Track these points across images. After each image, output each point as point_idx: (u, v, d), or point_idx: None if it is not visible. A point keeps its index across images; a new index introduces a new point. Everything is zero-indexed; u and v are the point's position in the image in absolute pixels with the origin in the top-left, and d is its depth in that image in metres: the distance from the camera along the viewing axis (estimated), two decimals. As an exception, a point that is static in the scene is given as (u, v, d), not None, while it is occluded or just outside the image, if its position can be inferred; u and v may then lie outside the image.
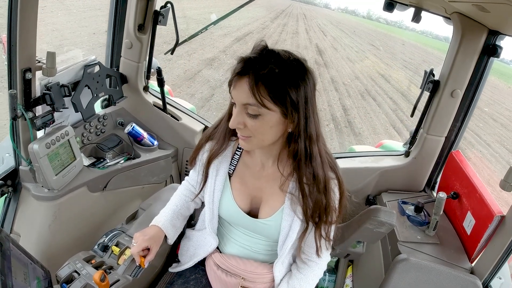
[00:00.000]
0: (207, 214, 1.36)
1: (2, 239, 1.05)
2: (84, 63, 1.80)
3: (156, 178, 2.19)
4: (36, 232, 1.67)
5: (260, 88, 1.05)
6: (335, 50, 19.28)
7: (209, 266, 1.42)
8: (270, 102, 1.06)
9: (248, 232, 1.35)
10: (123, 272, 1.30)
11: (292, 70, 1.07)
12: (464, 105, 1.93)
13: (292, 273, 1.38)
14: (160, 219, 1.40)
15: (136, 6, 1.90)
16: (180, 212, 1.46)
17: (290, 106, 1.07)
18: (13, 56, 1.37)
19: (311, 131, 1.13)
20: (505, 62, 23.54)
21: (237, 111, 1.11)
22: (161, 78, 2.17)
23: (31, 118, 1.51)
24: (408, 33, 31.21)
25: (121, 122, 2.19)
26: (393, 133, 8.94)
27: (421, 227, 1.83)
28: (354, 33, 30.80)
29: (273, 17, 28.38)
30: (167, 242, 1.40)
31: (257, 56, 1.08)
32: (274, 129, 1.13)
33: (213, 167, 1.31)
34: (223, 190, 1.32)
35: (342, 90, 11.74)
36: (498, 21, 1.55)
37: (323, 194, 1.19)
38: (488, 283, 1.60)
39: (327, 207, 1.20)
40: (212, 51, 12.52)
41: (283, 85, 1.05)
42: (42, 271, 1.24)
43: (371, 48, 23.94)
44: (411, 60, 21.91)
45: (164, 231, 1.37)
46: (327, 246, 1.30)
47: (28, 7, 1.32)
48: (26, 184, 1.65)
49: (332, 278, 2.35)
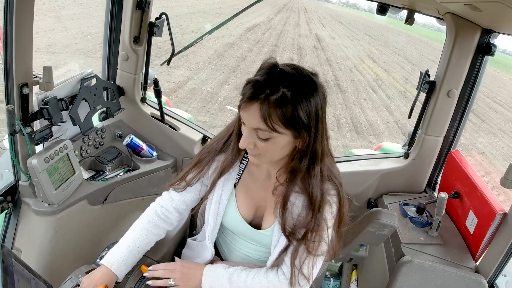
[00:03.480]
0: (210, 225, 1.34)
1: (4, 255, 1.05)
2: (80, 76, 1.81)
3: (156, 189, 2.18)
4: (38, 247, 1.65)
5: (272, 115, 1.01)
6: (332, 39, 21.98)
7: None
8: (282, 127, 1.04)
9: (251, 241, 1.33)
10: (127, 285, 1.29)
11: (304, 90, 1.03)
12: (461, 104, 1.94)
13: (256, 269, 1.28)
14: (114, 259, 1.26)
15: (131, 18, 1.91)
16: (138, 250, 1.31)
17: (302, 128, 1.05)
18: (10, 72, 1.37)
19: (317, 149, 1.11)
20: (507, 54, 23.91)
21: (247, 133, 1.09)
22: (158, 89, 2.18)
23: (29, 133, 1.51)
24: (410, 25, 32.65)
25: (119, 134, 2.19)
26: (370, 92, 12.05)
27: (423, 228, 1.82)
28: (349, 23, 33.49)
29: (276, 11, 30.98)
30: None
31: (266, 78, 1.03)
32: (284, 149, 1.12)
33: (222, 178, 1.30)
34: (229, 200, 1.30)
35: (334, 66, 14.78)
36: (491, 20, 1.56)
37: (315, 213, 1.14)
38: (493, 281, 1.60)
39: (315, 226, 1.15)
40: (231, 38, 15.83)
41: (295, 108, 1.02)
42: (45, 286, 1.23)
43: (366, 37, 26.49)
44: (403, 48, 24.39)
45: (116, 275, 1.24)
46: (300, 282, 1.19)
47: (23, 22, 1.32)
48: (26, 199, 1.64)
49: (336, 284, 2.33)
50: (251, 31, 18.58)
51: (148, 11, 1.96)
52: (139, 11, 1.93)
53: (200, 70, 10.88)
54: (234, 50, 13.99)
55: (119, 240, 1.37)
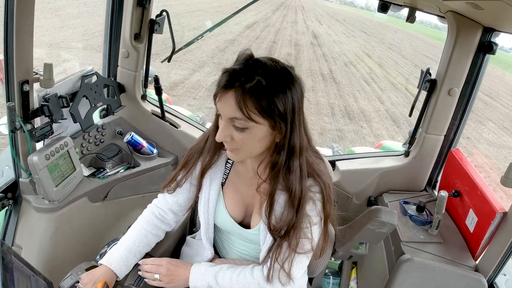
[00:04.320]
0: (203, 225, 1.34)
1: (4, 252, 1.05)
2: (81, 73, 1.81)
3: (156, 186, 2.18)
4: (38, 244, 1.66)
5: (247, 102, 1.01)
6: (328, 36, 22.94)
7: None
8: (258, 115, 1.03)
9: (244, 239, 1.33)
10: (126, 281, 1.29)
11: (280, 80, 1.03)
12: (462, 103, 1.94)
13: (243, 267, 1.27)
14: (113, 258, 1.27)
15: (132, 15, 1.91)
16: (138, 250, 1.33)
17: (278, 117, 1.04)
18: (10, 69, 1.37)
19: (295, 143, 1.09)
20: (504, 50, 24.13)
21: (223, 125, 1.08)
22: (158, 86, 2.17)
23: (30, 130, 1.51)
24: (406, 23, 33.22)
25: (120, 131, 2.19)
26: (364, 84, 12.84)
27: (423, 226, 1.82)
28: (344, 21, 34.74)
29: (274, 9, 31.64)
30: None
31: (242, 68, 1.04)
32: (262, 142, 1.10)
33: (207, 177, 1.30)
34: (218, 199, 1.30)
35: (330, 60, 15.52)
36: (492, 18, 1.56)
37: (295, 210, 1.13)
38: (493, 280, 1.60)
39: (296, 223, 1.13)
40: (231, 35, 16.46)
41: (270, 97, 1.02)
42: (45, 283, 1.23)
43: (362, 34, 27.34)
44: (398, 44, 25.11)
45: (116, 273, 1.26)
46: (282, 279, 1.18)
47: (24, 19, 1.32)
48: (27, 196, 1.64)
49: (336, 281, 2.34)
50: (250, 28, 19.23)
51: (149, 8, 1.96)
52: (140, 8, 1.92)
53: (204, 64, 11.46)
54: (234, 46, 14.37)
55: (119, 237, 1.39)
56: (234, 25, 18.53)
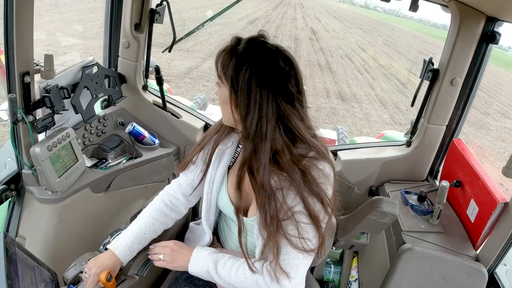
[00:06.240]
0: (204, 206, 1.34)
1: (8, 244, 1.06)
2: (82, 64, 1.80)
3: (158, 177, 2.19)
4: (41, 235, 1.67)
5: (224, 58, 1.09)
6: (326, 32, 24.81)
7: None
8: (222, 74, 1.09)
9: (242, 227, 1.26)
10: (129, 271, 1.30)
11: (258, 53, 1.07)
12: (464, 93, 1.93)
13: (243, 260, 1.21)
14: (119, 244, 1.28)
15: (132, 5, 1.90)
16: (144, 237, 1.33)
17: (233, 81, 1.07)
18: (11, 60, 1.36)
19: (251, 122, 1.07)
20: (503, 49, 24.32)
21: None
22: (159, 77, 2.17)
23: (32, 122, 1.51)
24: (406, 21, 33.67)
25: (121, 122, 2.19)
26: (357, 74, 14.40)
27: (424, 216, 1.83)
28: (340, 17, 36.53)
29: (274, 7, 33.76)
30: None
31: (247, 39, 1.11)
32: (226, 107, 1.13)
33: (216, 157, 1.30)
34: (222, 182, 1.31)
35: (327, 53, 17.26)
36: (496, 8, 1.54)
37: (272, 200, 1.09)
38: (493, 270, 1.61)
39: (275, 213, 1.08)
40: (235, 30, 18.00)
41: (237, 60, 1.06)
42: (49, 274, 1.25)
43: (359, 31, 29.06)
44: (393, 41, 26.88)
45: (120, 259, 1.27)
46: (280, 278, 1.11)
47: (24, 11, 1.32)
48: (30, 188, 1.65)
49: (337, 270, 2.36)
50: (252, 24, 20.89)
51: (149, -3, 1.94)
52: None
53: (213, 54, 12.39)
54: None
55: (122, 228, 1.39)
56: (237, 20, 20.38)
